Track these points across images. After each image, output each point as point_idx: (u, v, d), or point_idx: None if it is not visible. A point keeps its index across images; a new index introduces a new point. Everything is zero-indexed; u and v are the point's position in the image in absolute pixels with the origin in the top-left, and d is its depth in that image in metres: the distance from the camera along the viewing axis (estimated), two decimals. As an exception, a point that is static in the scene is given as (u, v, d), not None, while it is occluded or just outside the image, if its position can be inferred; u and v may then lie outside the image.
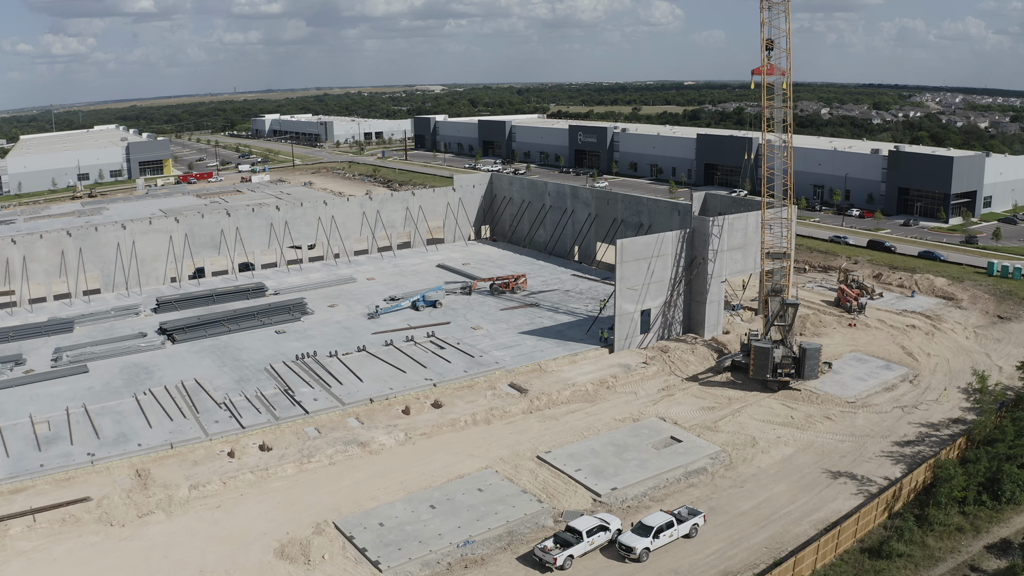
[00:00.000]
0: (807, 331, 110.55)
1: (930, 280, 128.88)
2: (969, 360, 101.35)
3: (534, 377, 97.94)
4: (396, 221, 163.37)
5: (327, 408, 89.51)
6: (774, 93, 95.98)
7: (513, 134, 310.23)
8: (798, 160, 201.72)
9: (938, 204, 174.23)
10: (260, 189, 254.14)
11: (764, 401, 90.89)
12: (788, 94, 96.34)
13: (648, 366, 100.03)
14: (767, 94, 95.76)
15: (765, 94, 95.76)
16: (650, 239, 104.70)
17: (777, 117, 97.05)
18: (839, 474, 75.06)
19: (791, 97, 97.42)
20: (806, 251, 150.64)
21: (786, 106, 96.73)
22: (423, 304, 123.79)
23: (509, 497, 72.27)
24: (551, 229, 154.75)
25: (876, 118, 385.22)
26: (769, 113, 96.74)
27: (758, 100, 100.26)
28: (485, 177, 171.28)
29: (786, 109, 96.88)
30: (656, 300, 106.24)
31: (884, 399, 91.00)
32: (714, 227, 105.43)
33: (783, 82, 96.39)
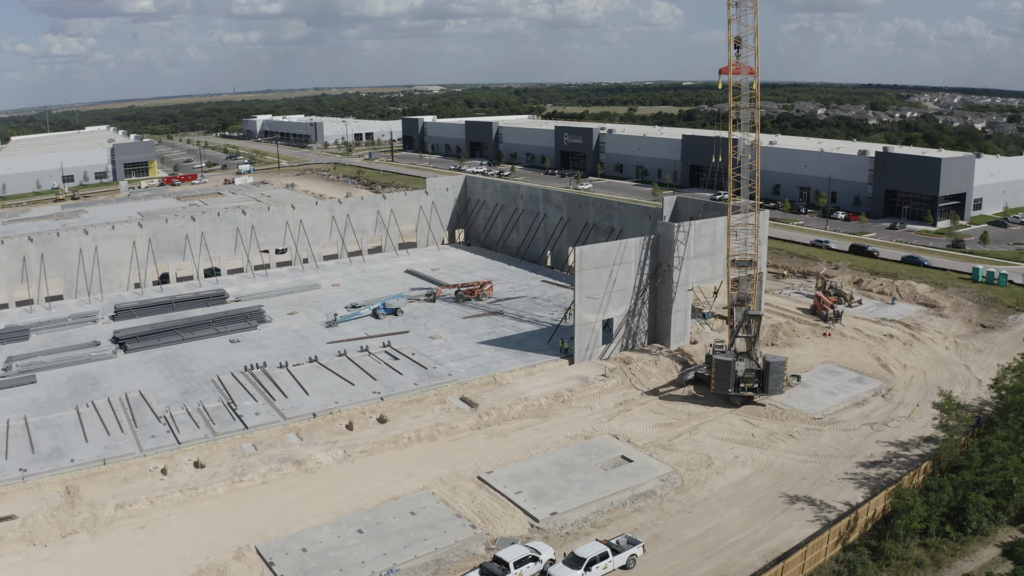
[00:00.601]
0: (779, 340, 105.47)
1: (912, 287, 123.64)
2: (947, 372, 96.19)
3: (487, 390, 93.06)
4: (367, 225, 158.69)
5: (267, 423, 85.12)
6: (740, 93, 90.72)
7: (500, 135, 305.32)
8: (784, 162, 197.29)
9: (926, 207, 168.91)
10: (241, 191, 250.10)
11: (725, 417, 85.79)
12: (756, 94, 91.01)
13: (607, 379, 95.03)
14: (735, 94, 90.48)
15: (732, 94, 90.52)
16: (611, 246, 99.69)
17: (744, 118, 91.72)
18: (796, 498, 69.95)
19: (759, 97, 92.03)
20: (786, 256, 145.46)
21: (753, 106, 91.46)
22: (384, 312, 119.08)
23: (442, 522, 67.74)
24: (523, 233, 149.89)
25: (872, 118, 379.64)
26: (735, 114, 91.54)
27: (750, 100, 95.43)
28: (459, 180, 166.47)
29: (754, 110, 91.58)
30: (619, 309, 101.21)
31: (853, 415, 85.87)
32: (679, 233, 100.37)
33: (752, 81, 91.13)
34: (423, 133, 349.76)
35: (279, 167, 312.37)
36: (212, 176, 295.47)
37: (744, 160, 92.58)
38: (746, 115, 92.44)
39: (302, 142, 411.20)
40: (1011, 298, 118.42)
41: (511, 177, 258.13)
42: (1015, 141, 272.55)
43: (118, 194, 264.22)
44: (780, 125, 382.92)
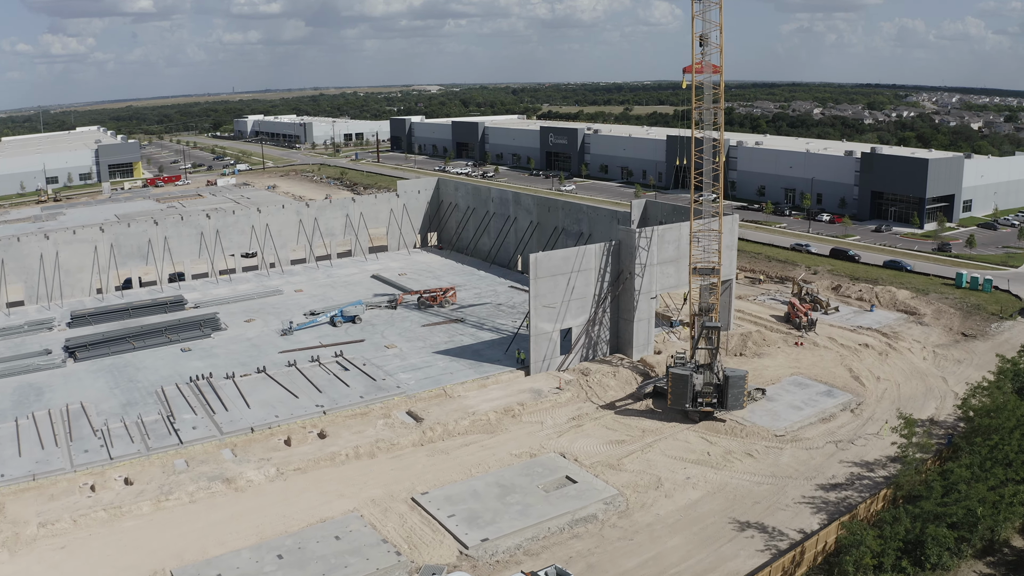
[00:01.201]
0: (748, 350, 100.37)
1: (892, 293, 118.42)
2: (923, 385, 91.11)
3: (435, 404, 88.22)
4: (335, 229, 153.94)
5: (203, 438, 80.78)
6: (703, 93, 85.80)
7: (486, 136, 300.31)
8: (769, 163, 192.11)
9: (913, 209, 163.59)
10: (221, 193, 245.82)
11: (682, 434, 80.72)
12: (720, 93, 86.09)
13: (561, 392, 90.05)
14: (697, 94, 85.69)
15: (694, 93, 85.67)
16: (568, 253, 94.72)
17: (707, 119, 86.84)
18: (747, 525, 64.89)
19: (723, 96, 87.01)
20: (764, 260, 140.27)
21: (717, 106, 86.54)
22: (341, 320, 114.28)
23: (366, 547, 63.28)
24: (494, 237, 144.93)
25: (868, 118, 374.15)
26: (698, 115, 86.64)
27: (748, 100, 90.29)
28: (431, 182, 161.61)
29: (717, 110, 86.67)
30: (578, 318, 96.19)
31: (818, 432, 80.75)
32: (641, 239, 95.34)
33: (717, 80, 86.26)
34: (410, 134, 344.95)
35: (264, 168, 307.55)
36: (197, 177, 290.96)
37: (707, 163, 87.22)
38: (708, 116, 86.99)
39: (292, 143, 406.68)
40: (995, 305, 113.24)
41: (494, 178, 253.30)
42: (1010, 141, 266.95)
43: (100, 196, 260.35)
44: (775, 125, 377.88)
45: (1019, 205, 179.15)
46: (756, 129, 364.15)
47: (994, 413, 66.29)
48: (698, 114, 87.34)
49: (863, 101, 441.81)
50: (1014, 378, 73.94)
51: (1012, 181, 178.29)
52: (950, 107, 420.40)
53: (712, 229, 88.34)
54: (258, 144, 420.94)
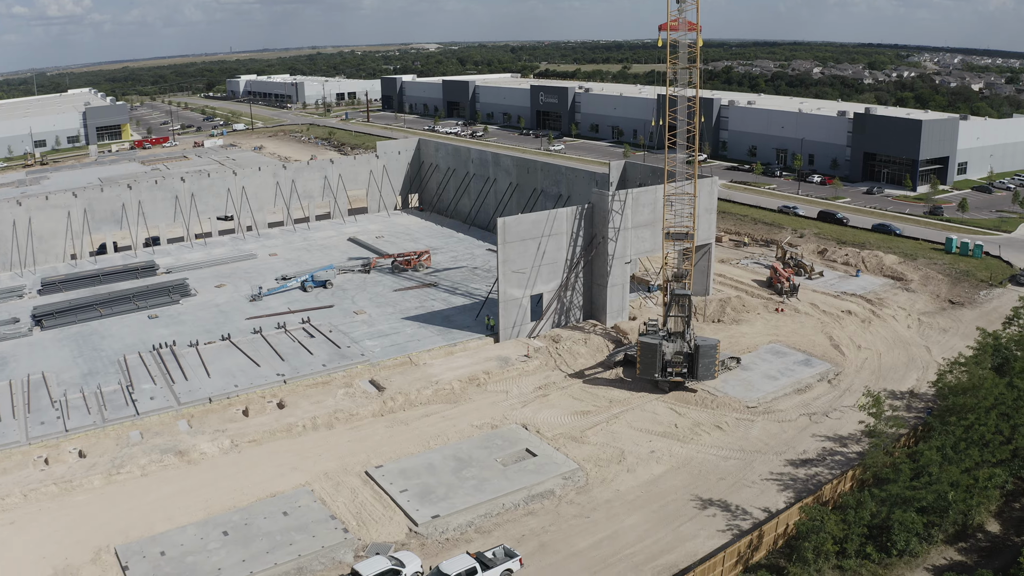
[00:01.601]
0: (727, 316, 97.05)
1: (879, 258, 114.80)
2: (905, 354, 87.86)
3: (399, 372, 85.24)
4: (314, 191, 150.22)
5: (160, 409, 78.29)
6: (679, 51, 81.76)
7: (477, 95, 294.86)
8: (760, 123, 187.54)
9: (906, 171, 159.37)
10: (207, 155, 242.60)
11: (650, 404, 77.64)
12: (696, 52, 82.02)
13: (529, 360, 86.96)
14: (673, 52, 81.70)
15: (669, 52, 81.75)
16: (539, 216, 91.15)
17: (682, 79, 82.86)
18: (710, 503, 61.98)
19: (699, 55, 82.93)
20: (750, 223, 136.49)
21: (693, 65, 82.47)
22: (312, 285, 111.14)
23: (314, 524, 60.68)
24: (473, 199, 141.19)
25: (868, 78, 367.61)
26: (673, 74, 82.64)
27: (748, 58, 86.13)
28: (412, 143, 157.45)
29: (693, 69, 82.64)
30: (549, 284, 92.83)
31: (792, 403, 77.66)
32: (615, 202, 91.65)
33: (693, 38, 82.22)
34: (401, 93, 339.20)
35: (252, 129, 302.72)
36: (186, 139, 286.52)
37: (682, 124, 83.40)
38: (683, 76, 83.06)
39: (283, 103, 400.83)
40: (984, 271, 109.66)
41: (484, 138, 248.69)
42: (1010, 103, 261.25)
43: (87, 159, 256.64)
44: (774, 84, 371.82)
45: (1016, 168, 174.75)
46: (755, 88, 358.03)
47: (971, 391, 62.84)
48: (673, 73, 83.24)
49: (864, 61, 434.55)
50: (994, 353, 70.36)
51: (1009, 144, 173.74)
52: (951, 68, 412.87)
53: (687, 193, 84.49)
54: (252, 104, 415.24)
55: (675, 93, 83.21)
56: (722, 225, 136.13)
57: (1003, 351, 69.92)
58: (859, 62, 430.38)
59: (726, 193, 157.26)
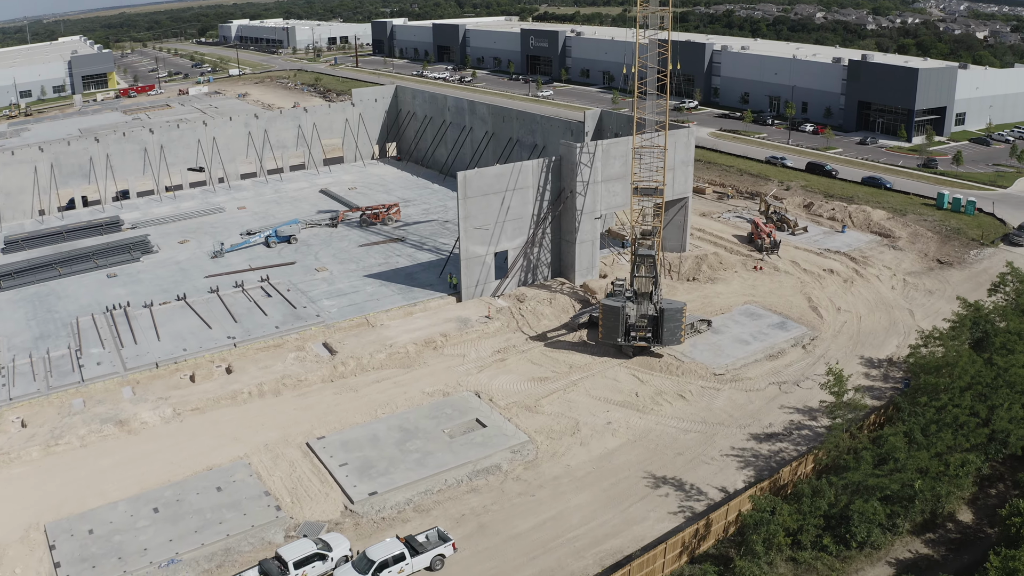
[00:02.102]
0: (702, 274, 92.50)
1: (866, 213, 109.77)
2: (886, 318, 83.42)
3: (354, 335, 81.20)
4: (287, 141, 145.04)
5: (106, 375, 74.92)
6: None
7: (467, 39, 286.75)
8: (754, 69, 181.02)
9: (901, 121, 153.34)
10: (190, 103, 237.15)
11: (612, 371, 73.50)
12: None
13: (490, 321, 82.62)
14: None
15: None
16: (503, 170, 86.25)
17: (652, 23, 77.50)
18: (664, 481, 58.10)
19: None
20: (736, 174, 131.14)
21: (664, 8, 76.99)
22: (275, 240, 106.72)
23: (247, 500, 57.46)
24: (450, 148, 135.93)
25: (872, 23, 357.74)
26: (643, 17, 77.31)
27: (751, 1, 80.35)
28: (389, 90, 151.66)
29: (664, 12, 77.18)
30: (515, 240, 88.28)
31: (762, 371, 73.47)
32: (583, 154, 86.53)
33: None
34: (392, 37, 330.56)
35: (240, 75, 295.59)
36: (172, 86, 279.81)
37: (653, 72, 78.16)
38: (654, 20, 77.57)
39: (275, 48, 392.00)
40: (976, 229, 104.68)
41: (472, 83, 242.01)
42: (1014, 52, 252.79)
43: (71, 109, 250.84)
44: (775, 28, 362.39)
45: (1016, 120, 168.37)
46: (756, 33, 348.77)
47: (945, 369, 58.23)
48: (643, 16, 77.77)
49: (868, 5, 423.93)
50: (973, 326, 65.40)
51: (1009, 94, 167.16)
52: (956, 15, 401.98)
53: (657, 145, 79.37)
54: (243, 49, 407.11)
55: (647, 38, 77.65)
56: (706, 176, 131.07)
57: (983, 324, 64.94)
58: (864, 6, 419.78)
59: (713, 142, 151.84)
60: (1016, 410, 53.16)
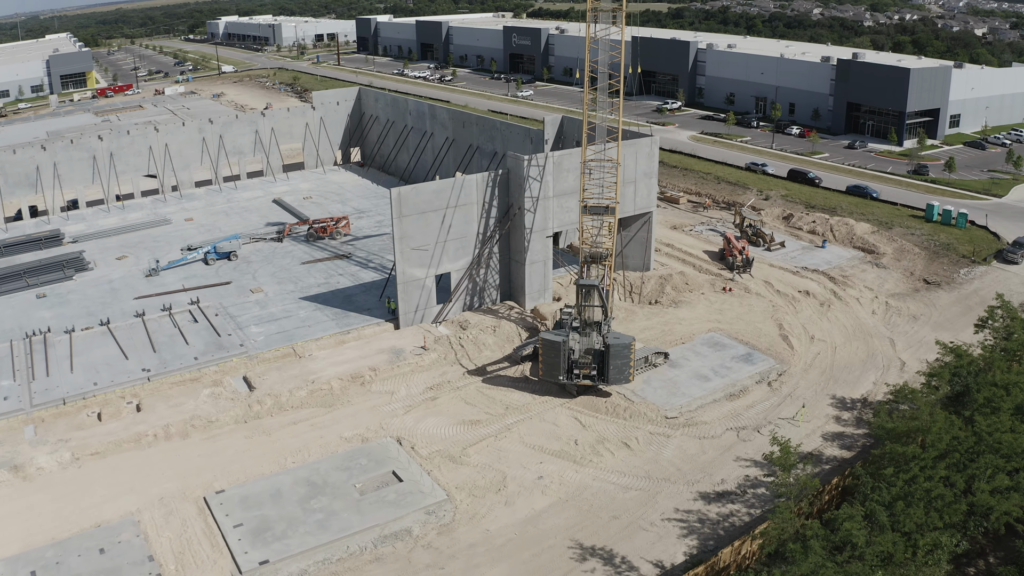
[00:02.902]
0: (665, 297, 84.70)
1: (849, 226, 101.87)
2: (864, 349, 75.65)
3: (277, 367, 73.85)
4: (244, 147, 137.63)
5: (10, 412, 67.91)
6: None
7: (450, 36, 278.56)
8: (739, 68, 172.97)
9: (892, 124, 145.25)
10: (164, 103, 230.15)
11: (552, 412, 65.80)
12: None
13: (426, 352, 74.85)
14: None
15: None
16: (442, 185, 78.56)
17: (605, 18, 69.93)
18: (593, 552, 50.44)
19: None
20: (713, 182, 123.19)
21: (618, 6, 69.42)
22: (215, 257, 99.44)
23: (128, 566, 50.83)
24: (410, 154, 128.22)
25: (869, 20, 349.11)
26: (594, 13, 69.80)
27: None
28: (352, 92, 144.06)
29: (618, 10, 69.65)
30: (458, 261, 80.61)
31: (720, 413, 65.70)
32: (532, 167, 78.73)
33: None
34: (376, 34, 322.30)
35: (220, 74, 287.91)
36: (152, 85, 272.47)
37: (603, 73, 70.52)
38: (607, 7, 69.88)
39: (261, 45, 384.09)
40: (968, 245, 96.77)
41: (452, 83, 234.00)
42: (1013, 50, 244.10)
43: (46, 109, 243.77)
44: (771, 25, 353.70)
45: (1014, 122, 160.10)
46: (751, 29, 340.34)
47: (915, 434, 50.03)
48: (594, 12, 70.12)
49: (866, 2, 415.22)
50: (953, 378, 56.70)
51: (1007, 95, 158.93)
52: (955, 11, 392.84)
53: (610, 159, 71.56)
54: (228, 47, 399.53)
55: (599, 35, 70.09)
56: (682, 184, 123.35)
57: (964, 375, 56.42)
58: (862, 3, 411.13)
59: (692, 147, 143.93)
60: (1000, 479, 45.15)
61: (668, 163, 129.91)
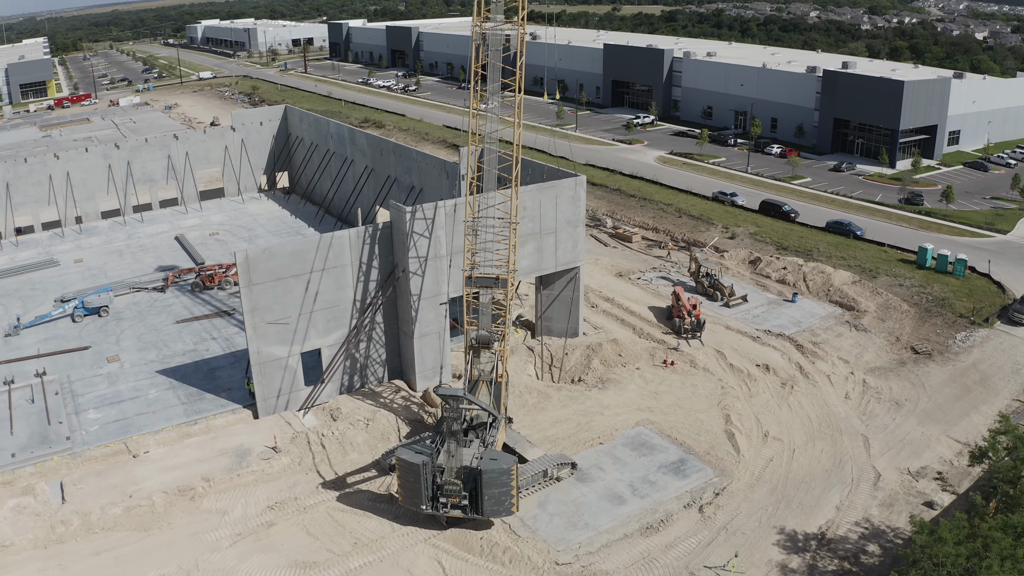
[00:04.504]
0: (592, 374, 69.27)
1: (826, 275, 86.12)
2: (831, 452, 60.05)
3: (100, 469, 60.08)
4: (155, 173, 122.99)
5: None
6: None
7: (420, 42, 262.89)
8: (717, 79, 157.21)
9: (884, 142, 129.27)
10: (112, 116, 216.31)
11: (411, 551, 50.33)
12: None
13: (277, 455, 59.31)
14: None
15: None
16: (305, 245, 63.22)
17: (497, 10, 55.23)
18: None
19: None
20: (673, 216, 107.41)
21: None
22: (83, 313, 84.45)
23: None
24: (330, 183, 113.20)
25: (867, 24, 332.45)
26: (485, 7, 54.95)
27: None
28: (278, 112, 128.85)
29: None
30: (330, 335, 65.30)
31: (631, 556, 50.14)
32: (416, 220, 63.12)
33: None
34: (348, 40, 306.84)
35: (181, 82, 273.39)
36: (115, 94, 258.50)
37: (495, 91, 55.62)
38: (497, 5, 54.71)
39: (237, 50, 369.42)
40: (967, 299, 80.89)
41: (416, 93, 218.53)
42: (1015, 55, 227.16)
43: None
44: (766, 29, 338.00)
45: (1019, 136, 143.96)
46: (746, 33, 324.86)
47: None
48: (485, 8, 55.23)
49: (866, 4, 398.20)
50: None
51: (1012, 108, 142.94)
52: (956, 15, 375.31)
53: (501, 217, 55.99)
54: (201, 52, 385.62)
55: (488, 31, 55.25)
56: (639, 217, 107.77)
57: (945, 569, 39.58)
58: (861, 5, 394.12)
59: (656, 171, 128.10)
60: None
61: (626, 191, 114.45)
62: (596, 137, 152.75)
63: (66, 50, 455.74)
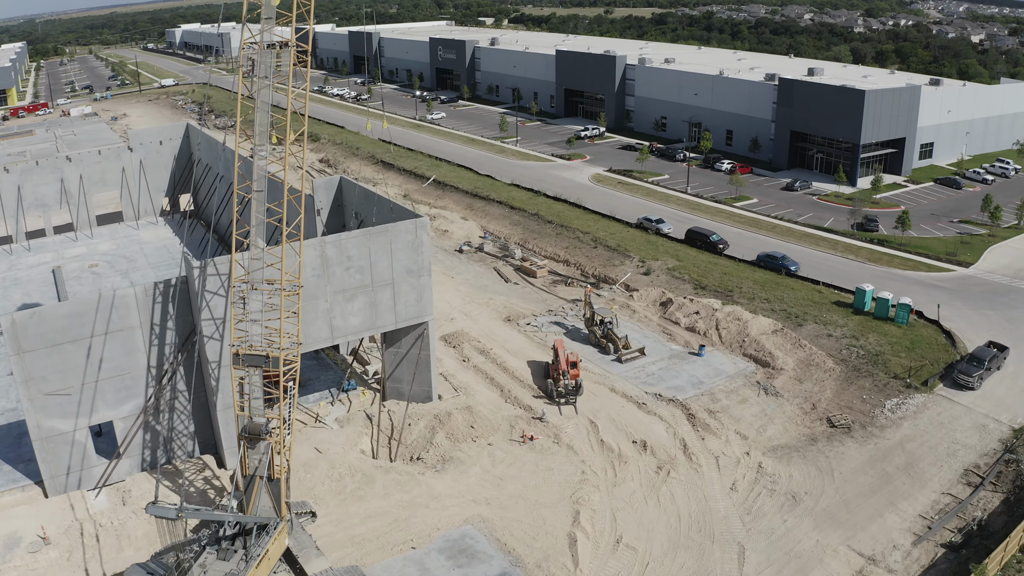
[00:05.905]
0: (434, 450, 59.02)
1: (742, 322, 74.92)
2: (695, 566, 50.40)
3: None
4: (48, 198, 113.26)
5: None
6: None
7: (382, 48, 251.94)
8: (671, 88, 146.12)
9: (845, 157, 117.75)
10: (56, 128, 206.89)
11: None
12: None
13: (46, 547, 49.33)
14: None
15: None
16: (83, 306, 53.00)
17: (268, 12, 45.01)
18: None
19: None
20: (589, 245, 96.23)
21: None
22: None
23: None
24: (221, 210, 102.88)
25: (860, 26, 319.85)
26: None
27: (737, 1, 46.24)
28: (179, 129, 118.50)
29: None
30: (122, 406, 55.51)
31: None
32: (209, 278, 52.57)
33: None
34: (315, 45, 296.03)
35: (140, 91, 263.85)
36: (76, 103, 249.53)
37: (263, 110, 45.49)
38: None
39: (208, 55, 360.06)
40: (906, 354, 69.30)
41: (367, 103, 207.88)
42: (1009, 59, 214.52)
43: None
44: (757, 32, 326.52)
45: (1000, 149, 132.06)
46: (736, 36, 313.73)
47: None
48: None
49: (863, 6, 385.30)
50: None
51: (992, 118, 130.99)
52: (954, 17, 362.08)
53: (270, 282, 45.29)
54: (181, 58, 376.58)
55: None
56: (551, 248, 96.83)
57: None
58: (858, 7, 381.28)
59: (586, 191, 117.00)
60: None
61: (544, 217, 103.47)
62: (535, 152, 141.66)
63: (46, 55, 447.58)
